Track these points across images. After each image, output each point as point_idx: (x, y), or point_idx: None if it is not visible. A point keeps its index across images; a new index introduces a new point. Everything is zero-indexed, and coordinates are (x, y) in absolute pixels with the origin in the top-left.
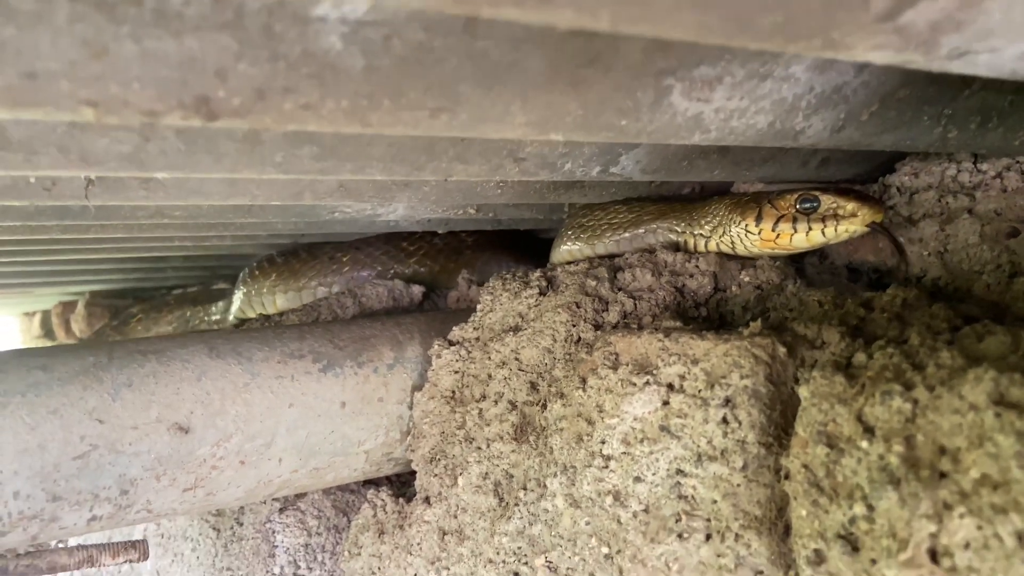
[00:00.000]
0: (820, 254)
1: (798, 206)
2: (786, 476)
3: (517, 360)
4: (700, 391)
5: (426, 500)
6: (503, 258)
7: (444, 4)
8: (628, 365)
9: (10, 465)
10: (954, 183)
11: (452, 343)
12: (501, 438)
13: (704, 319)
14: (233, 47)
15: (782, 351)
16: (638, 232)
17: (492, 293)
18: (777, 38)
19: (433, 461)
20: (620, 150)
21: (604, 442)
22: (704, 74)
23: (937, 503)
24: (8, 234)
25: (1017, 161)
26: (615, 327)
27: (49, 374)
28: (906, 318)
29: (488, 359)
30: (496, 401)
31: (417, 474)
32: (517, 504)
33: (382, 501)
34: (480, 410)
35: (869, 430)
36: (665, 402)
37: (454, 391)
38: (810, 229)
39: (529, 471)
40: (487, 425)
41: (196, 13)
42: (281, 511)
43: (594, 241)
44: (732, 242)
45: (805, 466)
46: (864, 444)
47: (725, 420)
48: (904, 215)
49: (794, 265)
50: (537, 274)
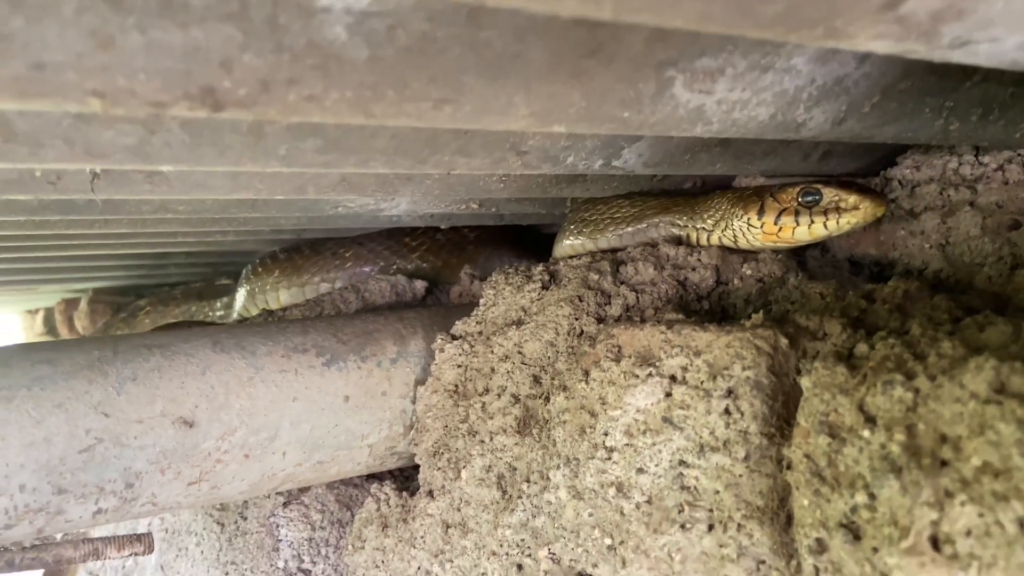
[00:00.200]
0: (821, 247)
1: (800, 199)
2: (788, 466)
3: (520, 353)
4: (703, 382)
5: (429, 493)
6: (504, 253)
7: None
8: (631, 357)
9: (16, 458)
10: (955, 176)
11: (455, 337)
12: (504, 431)
13: (706, 312)
14: (238, 38)
15: (784, 342)
16: (641, 226)
17: (495, 287)
18: (779, 27)
19: (436, 454)
20: (622, 143)
21: (607, 434)
22: (706, 65)
23: (939, 491)
24: (13, 229)
25: (1018, 153)
26: (618, 320)
27: (54, 368)
28: (907, 310)
29: (491, 353)
30: (499, 394)
31: (420, 468)
32: (520, 496)
33: (385, 495)
34: (483, 403)
35: (871, 419)
36: (668, 394)
37: (457, 385)
38: (812, 222)
39: (532, 464)
40: (490, 418)
41: (202, 3)
42: (285, 505)
43: (597, 235)
44: (734, 236)
45: (807, 456)
46: (866, 433)
47: (727, 411)
48: (906, 208)
49: (796, 258)
50: (540, 268)
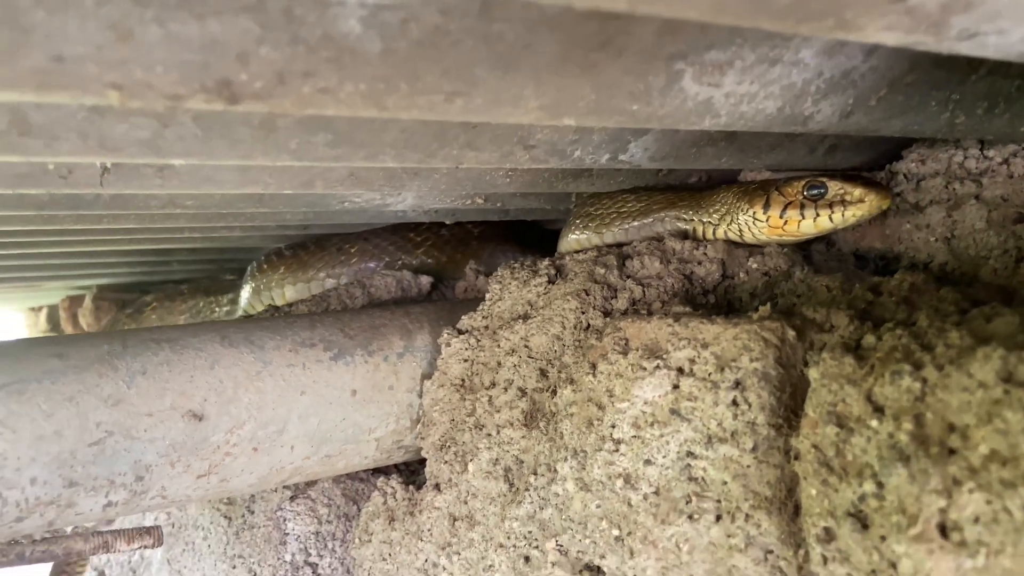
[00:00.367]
0: (827, 241)
1: (805, 193)
2: (796, 457)
3: (526, 347)
4: (710, 374)
5: (436, 487)
6: (508, 249)
7: None
8: (638, 350)
9: (27, 452)
10: (961, 169)
11: (461, 332)
12: (511, 424)
13: (712, 306)
14: (255, 31)
15: (791, 334)
16: (646, 221)
17: (501, 282)
18: (790, 18)
19: (443, 448)
20: (629, 137)
21: (614, 426)
22: (715, 58)
23: (947, 479)
24: (21, 224)
25: (1023, 147)
26: (624, 313)
27: (65, 362)
28: (914, 302)
29: (497, 347)
30: (506, 388)
31: (427, 461)
32: (527, 489)
33: (392, 488)
34: (490, 397)
35: (879, 409)
36: (675, 386)
37: (463, 379)
38: (818, 215)
39: (539, 456)
40: (497, 412)
41: None
42: (292, 499)
43: (603, 230)
44: (740, 230)
45: (815, 446)
46: (874, 423)
47: (735, 402)
48: (911, 202)
49: (801, 252)
50: (546, 263)
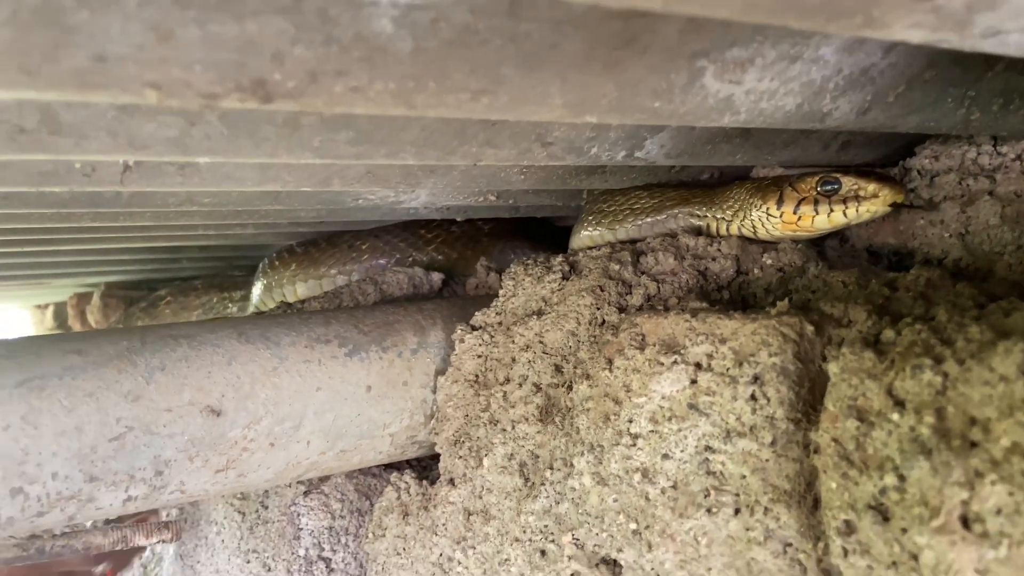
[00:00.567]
0: (840, 237)
1: (819, 188)
2: (815, 450)
3: (541, 343)
4: (728, 369)
5: (450, 482)
6: (518, 245)
7: None
8: (655, 345)
9: (48, 447)
10: (974, 165)
11: (475, 328)
12: (526, 419)
13: (727, 302)
14: (290, 31)
15: (810, 329)
16: (660, 217)
17: (514, 278)
18: (819, 16)
19: (457, 443)
20: (645, 134)
21: (632, 421)
22: (736, 56)
23: (969, 471)
24: (39, 222)
25: None
26: (640, 309)
27: (84, 358)
28: (931, 297)
29: (512, 343)
30: (520, 384)
31: (441, 456)
32: (543, 484)
33: (406, 484)
34: (504, 393)
35: (900, 403)
36: (693, 381)
37: (477, 375)
38: (832, 211)
39: (555, 451)
40: (512, 407)
41: None
42: (305, 494)
43: (616, 226)
44: (754, 226)
45: (835, 440)
46: (895, 417)
47: (754, 397)
48: (925, 198)
49: (815, 248)
50: (559, 259)
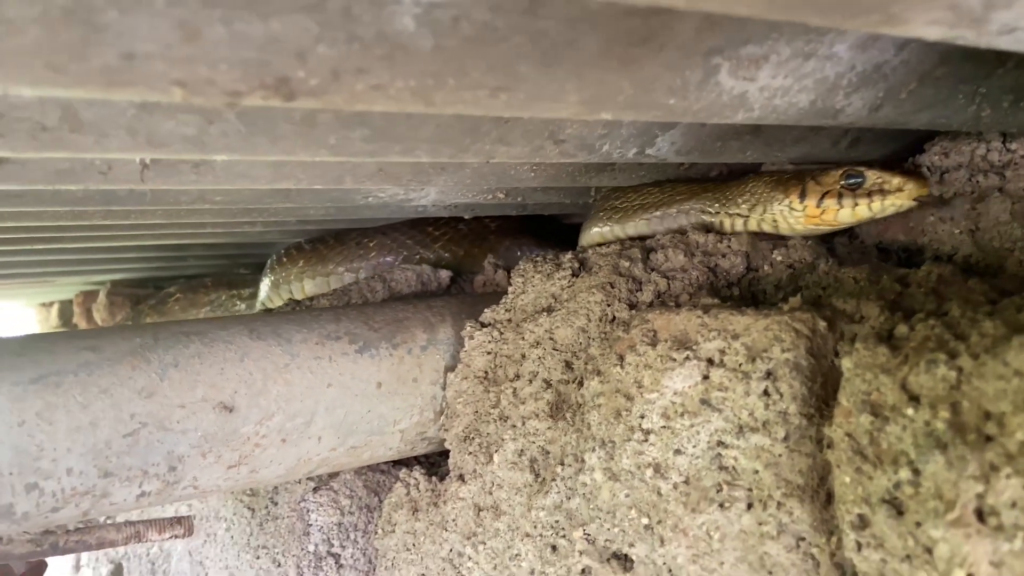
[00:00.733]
0: (850, 234)
1: (843, 182)
2: (828, 445)
3: (551, 340)
4: (741, 365)
5: (460, 477)
6: (524, 243)
7: None
8: (667, 341)
9: (63, 442)
10: (984, 162)
11: (484, 325)
12: (536, 416)
13: (737, 298)
14: (314, 29)
15: (822, 325)
16: (671, 212)
17: (524, 275)
18: (839, 13)
19: (467, 439)
20: (657, 131)
21: (643, 416)
22: (751, 53)
23: (984, 465)
24: (51, 220)
25: None
26: (650, 306)
27: (99, 354)
28: (942, 293)
29: (521, 339)
30: (530, 380)
31: (451, 452)
32: (554, 479)
33: (415, 480)
34: (514, 389)
35: (914, 398)
36: (705, 376)
37: (487, 371)
38: (856, 204)
39: (566, 447)
40: (522, 403)
41: None
42: (315, 491)
43: (627, 223)
44: (775, 220)
45: (849, 435)
46: (909, 411)
47: (766, 392)
48: (935, 194)
49: (825, 245)
50: (569, 256)
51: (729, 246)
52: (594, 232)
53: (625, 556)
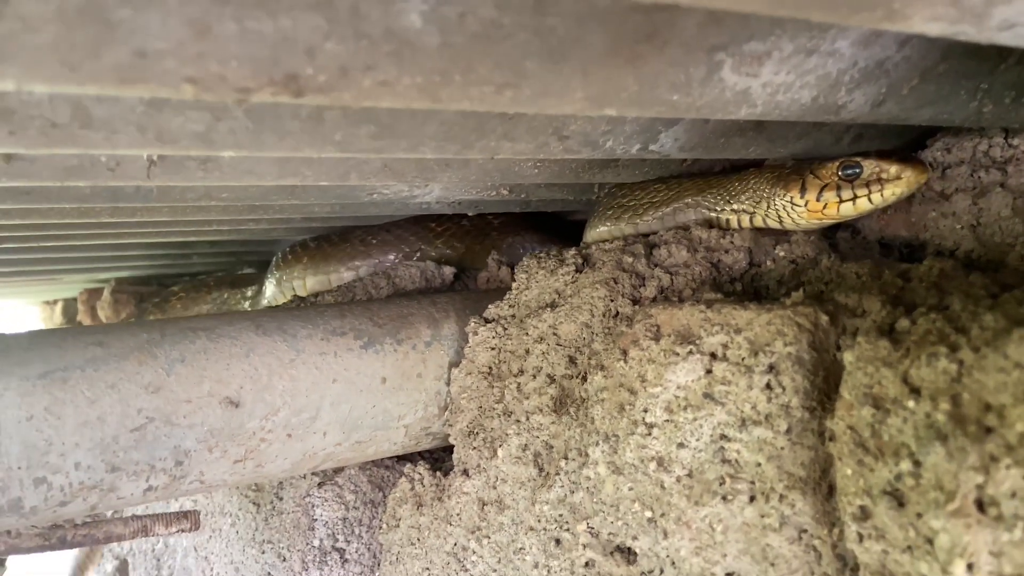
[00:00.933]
0: (852, 229)
1: (841, 173)
2: (830, 438)
3: (555, 335)
4: (744, 359)
5: (464, 472)
6: (526, 239)
7: None
8: (670, 336)
9: (71, 437)
10: (986, 158)
11: (488, 320)
12: (540, 410)
13: (739, 293)
14: (323, 26)
15: (824, 319)
16: (678, 208)
17: (527, 271)
18: (843, 8)
19: (471, 435)
20: (660, 127)
21: (647, 410)
22: (754, 49)
23: (984, 456)
24: (58, 217)
25: None
26: (653, 301)
27: (106, 350)
28: (944, 287)
29: (525, 335)
30: (534, 375)
31: (455, 447)
32: (558, 473)
33: (419, 475)
34: (518, 384)
35: (915, 390)
36: (708, 370)
37: (491, 367)
38: (856, 196)
39: (570, 441)
40: (526, 399)
41: None
42: (320, 486)
43: (636, 219)
44: (779, 216)
45: (850, 427)
46: (911, 404)
47: (769, 386)
48: (937, 190)
49: (827, 240)
50: (572, 252)
51: (732, 242)
52: (602, 229)
53: (628, 549)
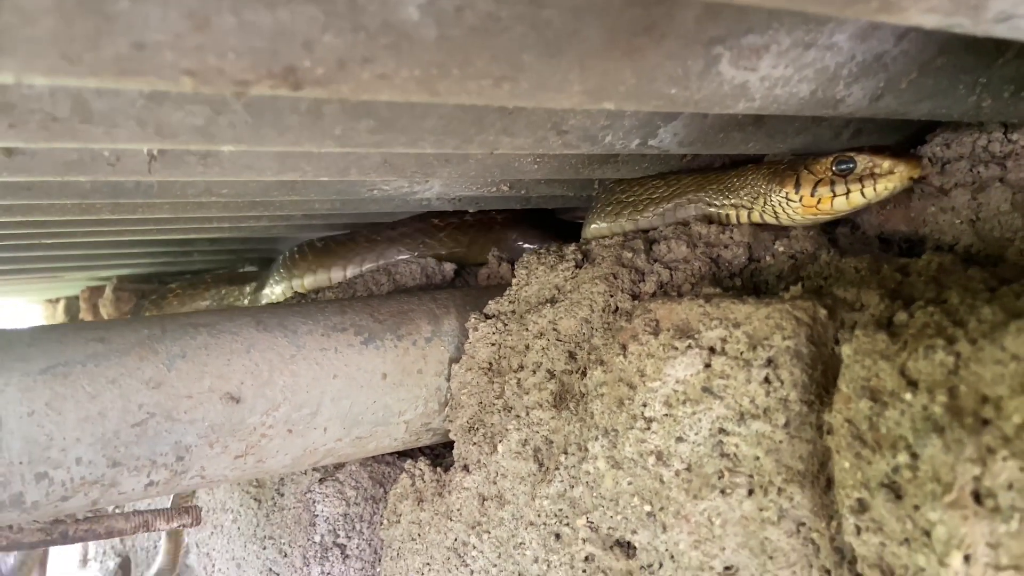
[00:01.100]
0: (851, 225)
1: (834, 168)
2: (828, 431)
3: (555, 331)
4: (742, 353)
5: (465, 468)
6: (523, 237)
7: None
8: (669, 331)
9: (72, 432)
10: (985, 153)
11: (488, 316)
12: (540, 406)
13: (739, 288)
14: (320, 18)
15: (823, 313)
16: (679, 204)
17: (527, 267)
18: (837, 1)
19: (472, 430)
20: (659, 122)
21: (646, 405)
22: (752, 43)
23: (980, 448)
24: (59, 214)
25: None
26: (653, 296)
27: (107, 345)
28: (942, 281)
29: (525, 331)
30: (534, 371)
31: (455, 443)
32: (558, 468)
33: (420, 471)
34: (518, 380)
35: (912, 383)
36: (707, 364)
37: (491, 362)
38: (849, 191)
39: (569, 436)
40: (526, 394)
41: None
42: (321, 482)
43: (636, 215)
44: (775, 212)
45: (848, 420)
46: (908, 396)
47: (767, 380)
48: (936, 185)
49: (826, 235)
50: (572, 248)
51: (731, 237)
52: (603, 225)
53: (628, 543)
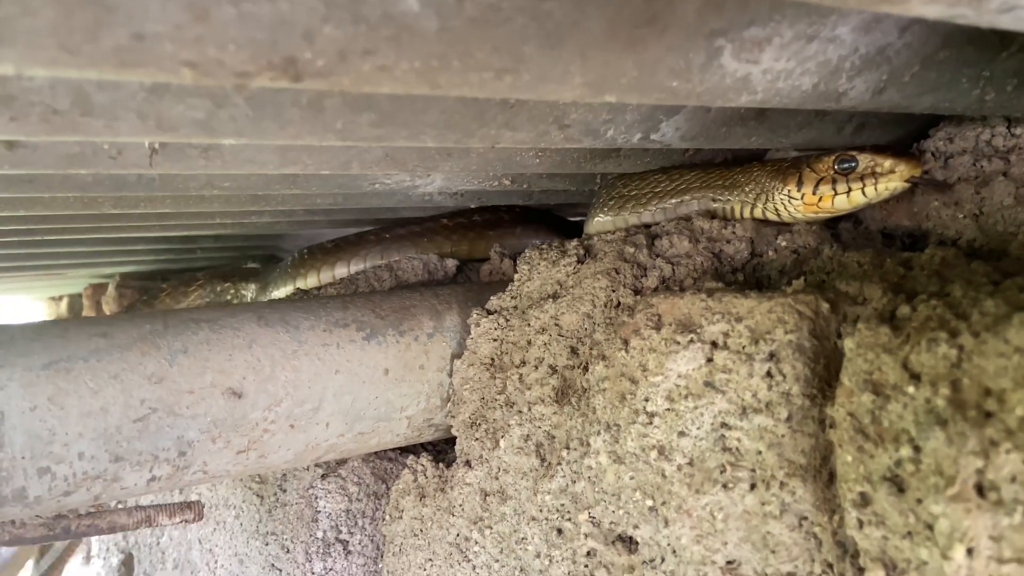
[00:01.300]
0: (854, 220)
1: (836, 167)
2: (831, 425)
3: (557, 326)
4: (744, 347)
5: (467, 463)
6: (523, 234)
7: None
8: (671, 325)
9: (75, 427)
10: (988, 147)
11: (490, 312)
12: (542, 401)
13: (741, 283)
14: (321, 10)
15: (825, 307)
16: (683, 199)
17: (529, 263)
18: None
19: (474, 426)
20: (661, 116)
21: (648, 400)
22: (754, 35)
23: (983, 441)
24: (61, 208)
25: None
26: (655, 291)
27: (109, 341)
28: (945, 275)
29: (527, 326)
30: (536, 366)
31: (457, 439)
32: (560, 463)
33: (422, 466)
34: (520, 375)
35: (915, 376)
36: (709, 359)
37: (493, 358)
38: (850, 190)
39: (571, 431)
40: (528, 389)
41: None
42: (323, 478)
43: (638, 210)
44: (777, 209)
45: (851, 414)
46: (910, 390)
47: (770, 374)
48: (939, 179)
49: (829, 230)
50: (574, 243)
51: (734, 232)
52: (605, 220)
53: (630, 538)
